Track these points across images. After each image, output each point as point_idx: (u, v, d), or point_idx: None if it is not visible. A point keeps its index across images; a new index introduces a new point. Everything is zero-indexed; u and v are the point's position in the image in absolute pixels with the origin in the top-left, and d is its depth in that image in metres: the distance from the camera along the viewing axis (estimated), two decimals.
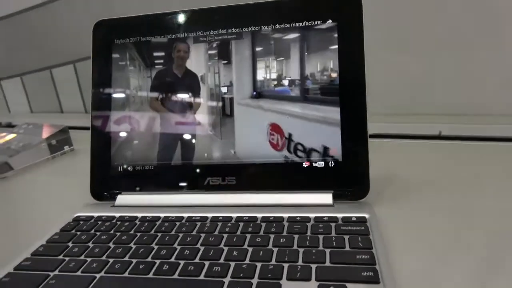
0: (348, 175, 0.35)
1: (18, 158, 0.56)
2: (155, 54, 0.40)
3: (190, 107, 0.40)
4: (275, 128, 0.37)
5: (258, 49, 0.37)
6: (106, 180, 0.40)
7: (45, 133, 0.62)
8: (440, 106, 0.61)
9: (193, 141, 0.39)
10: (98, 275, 0.27)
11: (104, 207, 0.38)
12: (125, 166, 0.40)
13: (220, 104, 0.38)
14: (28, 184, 0.52)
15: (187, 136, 0.39)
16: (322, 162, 0.36)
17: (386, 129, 0.56)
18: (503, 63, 0.58)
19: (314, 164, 0.36)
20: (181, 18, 0.40)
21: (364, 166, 0.35)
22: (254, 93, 0.36)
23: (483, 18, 0.57)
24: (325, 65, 0.36)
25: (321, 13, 0.36)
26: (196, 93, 0.39)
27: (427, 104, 0.62)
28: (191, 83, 0.39)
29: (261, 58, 0.37)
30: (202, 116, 0.39)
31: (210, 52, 0.39)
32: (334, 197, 0.35)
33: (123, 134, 0.41)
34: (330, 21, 0.36)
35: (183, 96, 0.40)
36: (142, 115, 0.40)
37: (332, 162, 0.36)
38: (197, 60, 0.39)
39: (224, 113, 0.38)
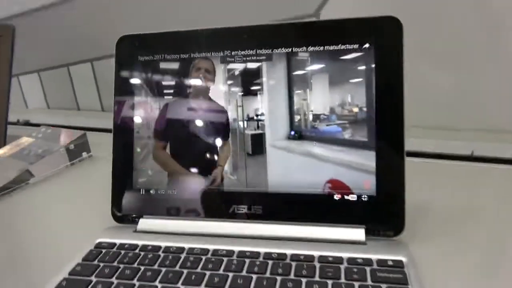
0: (382, 211, 0.33)
1: (39, 165, 0.56)
2: (166, 78, 0.38)
3: (212, 160, 0.37)
4: (334, 182, 0.34)
5: (295, 73, 0.34)
6: (128, 202, 0.39)
7: (64, 138, 0.61)
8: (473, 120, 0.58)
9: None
10: None
11: (126, 232, 0.37)
12: (147, 189, 0.39)
13: (248, 143, 0.36)
14: (48, 195, 0.51)
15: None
16: (355, 195, 0.34)
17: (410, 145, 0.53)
18: None
19: (346, 197, 0.34)
20: (201, 36, 0.38)
21: (399, 201, 0.33)
22: (293, 132, 0.34)
23: None
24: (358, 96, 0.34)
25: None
26: (224, 138, 0.37)
27: (457, 118, 0.59)
28: (217, 122, 0.36)
29: (299, 88, 0.34)
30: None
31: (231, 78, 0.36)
32: (366, 233, 0.33)
33: (146, 155, 0.39)
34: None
35: (205, 146, 0.37)
36: None
37: (366, 196, 0.34)
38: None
39: (252, 153, 0.36)
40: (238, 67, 0.36)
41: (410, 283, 0.28)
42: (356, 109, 0.34)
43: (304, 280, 0.29)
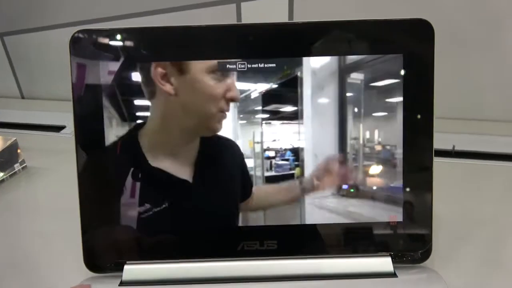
0: (408, 236, 0.31)
1: None
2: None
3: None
4: None
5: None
6: (106, 245, 0.31)
7: None
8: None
9: None
10: None
11: (109, 286, 0.30)
12: (133, 226, 0.31)
13: None
14: None
15: None
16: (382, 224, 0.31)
17: None
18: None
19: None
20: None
21: (427, 225, 0.31)
22: (347, 186, 0.28)
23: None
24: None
25: None
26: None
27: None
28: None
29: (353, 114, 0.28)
30: None
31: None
32: (393, 260, 0.31)
33: (125, 184, 0.31)
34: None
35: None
36: None
37: (392, 224, 0.31)
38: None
39: None
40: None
41: None
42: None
43: None
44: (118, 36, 0.30)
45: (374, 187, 0.31)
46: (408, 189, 0.31)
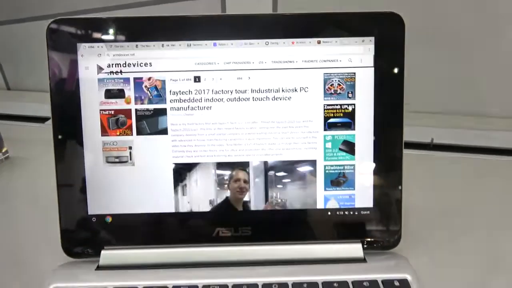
0: (379, 223, 0.32)
1: None
2: None
3: None
4: None
5: None
6: (84, 233, 0.32)
7: None
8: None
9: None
10: None
11: (85, 270, 0.31)
12: (108, 215, 0.32)
13: None
14: None
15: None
16: (351, 210, 0.32)
17: None
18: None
19: (342, 212, 0.32)
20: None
21: (397, 213, 0.32)
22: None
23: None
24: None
25: None
26: None
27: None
28: None
29: None
30: None
31: None
32: (364, 247, 0.32)
33: (103, 171, 0.32)
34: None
35: None
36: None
37: (362, 210, 0.32)
38: None
39: None
40: None
41: None
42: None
43: None
44: (94, 26, 0.31)
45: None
46: (378, 178, 0.32)
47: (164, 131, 0.31)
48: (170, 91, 0.31)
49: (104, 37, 0.31)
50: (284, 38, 0.30)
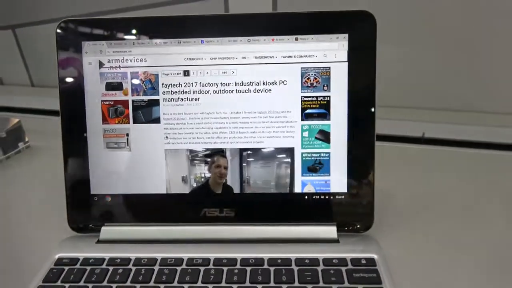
0: (352, 207, 0.35)
1: None
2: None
3: None
4: None
5: None
6: (86, 210, 0.36)
7: None
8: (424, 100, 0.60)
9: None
10: None
11: (87, 243, 0.35)
12: (108, 194, 0.36)
13: None
14: None
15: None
16: (326, 194, 0.35)
17: None
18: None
19: (318, 196, 0.35)
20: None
21: (369, 198, 0.34)
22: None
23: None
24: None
25: None
26: None
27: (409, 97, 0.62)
28: None
29: None
30: None
31: None
32: (338, 229, 0.34)
33: (104, 156, 0.36)
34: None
35: None
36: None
37: (337, 194, 0.34)
38: None
39: None
40: None
41: (383, 281, 0.29)
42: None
43: (284, 286, 0.29)
44: (97, 26, 0.34)
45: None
46: (352, 166, 0.34)
47: (157, 120, 0.35)
48: (163, 84, 0.35)
49: (105, 36, 0.35)
50: (265, 36, 0.33)
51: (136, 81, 0.35)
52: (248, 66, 0.34)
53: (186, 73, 0.34)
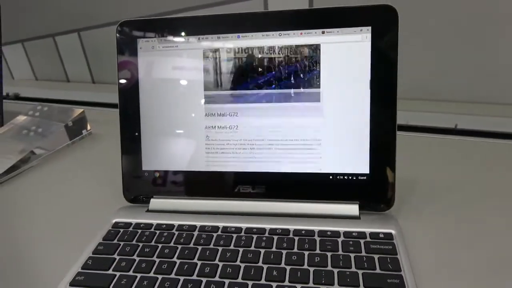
0: (374, 188, 0.37)
1: (41, 146, 0.57)
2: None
3: None
4: None
5: None
6: (139, 184, 0.42)
7: (62, 116, 0.62)
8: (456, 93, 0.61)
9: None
10: None
11: (139, 212, 0.40)
12: (157, 171, 0.41)
13: None
14: (55, 176, 0.53)
15: None
16: (350, 174, 0.37)
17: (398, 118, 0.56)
18: None
19: (342, 176, 0.38)
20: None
21: (391, 179, 0.36)
22: None
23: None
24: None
25: None
26: None
27: (442, 91, 0.62)
28: None
29: None
30: None
31: None
32: (360, 208, 0.37)
33: (154, 138, 0.41)
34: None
35: None
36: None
37: (360, 174, 0.37)
38: None
39: None
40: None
41: (399, 253, 0.32)
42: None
43: (306, 253, 0.33)
44: (149, 25, 0.40)
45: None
46: (375, 149, 0.37)
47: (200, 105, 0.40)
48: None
49: (156, 33, 0.40)
50: (294, 30, 0.37)
51: None
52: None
53: None
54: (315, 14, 0.37)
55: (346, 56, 0.36)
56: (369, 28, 0.35)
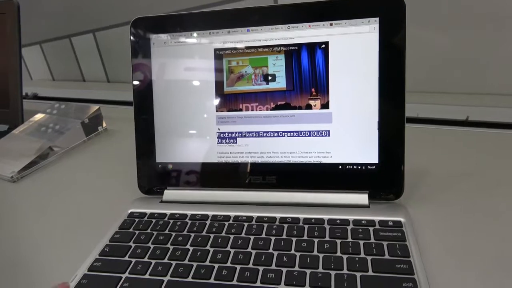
0: (384, 177, 0.37)
1: (59, 142, 0.59)
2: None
3: None
4: None
5: None
6: (153, 176, 0.43)
7: (79, 114, 0.64)
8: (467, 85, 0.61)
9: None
10: (165, 279, 0.31)
11: (153, 203, 0.42)
12: (170, 163, 0.42)
13: None
14: (73, 171, 0.55)
15: None
16: (360, 163, 0.38)
17: (409, 111, 0.56)
18: None
19: (352, 166, 0.38)
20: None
21: (400, 168, 0.37)
22: None
23: None
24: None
25: None
26: None
27: (452, 83, 0.62)
28: None
29: None
30: None
31: None
32: (369, 197, 0.37)
33: (167, 131, 0.42)
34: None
35: None
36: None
37: (369, 164, 0.38)
38: None
39: None
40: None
41: (408, 240, 0.32)
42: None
43: (316, 240, 0.33)
44: (161, 22, 0.41)
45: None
46: (383, 139, 0.37)
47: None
48: None
49: (168, 29, 0.41)
50: (303, 22, 0.38)
51: None
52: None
53: None
54: (323, 6, 0.37)
55: (354, 47, 0.37)
56: (377, 19, 0.36)
